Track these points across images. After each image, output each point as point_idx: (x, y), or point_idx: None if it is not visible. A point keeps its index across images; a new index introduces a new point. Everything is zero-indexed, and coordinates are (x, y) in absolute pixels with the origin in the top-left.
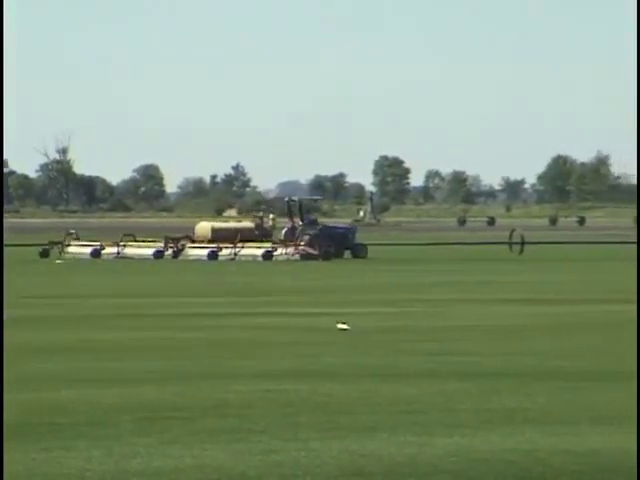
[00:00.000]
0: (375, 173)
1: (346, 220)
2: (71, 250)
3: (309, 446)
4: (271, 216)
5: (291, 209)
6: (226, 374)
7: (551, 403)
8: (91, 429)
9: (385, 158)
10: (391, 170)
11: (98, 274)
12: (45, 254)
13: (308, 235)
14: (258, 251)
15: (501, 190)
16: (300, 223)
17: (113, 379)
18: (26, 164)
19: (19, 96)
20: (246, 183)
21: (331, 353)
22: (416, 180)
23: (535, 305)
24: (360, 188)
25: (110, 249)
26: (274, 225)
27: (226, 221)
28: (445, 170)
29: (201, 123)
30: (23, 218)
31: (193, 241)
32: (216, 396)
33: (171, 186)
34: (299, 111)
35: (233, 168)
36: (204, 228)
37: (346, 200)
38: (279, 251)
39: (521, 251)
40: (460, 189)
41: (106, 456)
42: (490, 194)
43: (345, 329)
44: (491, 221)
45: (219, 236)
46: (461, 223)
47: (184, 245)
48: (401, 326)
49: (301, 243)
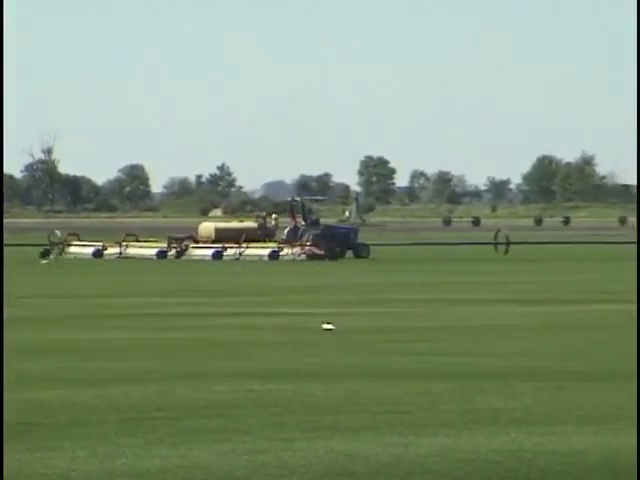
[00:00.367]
0: (360, 173)
1: (331, 220)
2: (72, 250)
3: (295, 446)
4: (274, 216)
5: (293, 209)
6: (211, 374)
7: (536, 403)
8: (76, 429)
9: (370, 158)
10: (376, 170)
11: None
12: (46, 254)
13: (310, 235)
14: (264, 251)
15: (486, 190)
16: (302, 223)
17: (98, 379)
18: (11, 164)
19: (3, 96)
20: (231, 183)
21: (316, 353)
22: (401, 180)
23: (520, 305)
24: (345, 188)
25: (112, 249)
26: (277, 225)
27: (228, 221)
28: (430, 170)
29: (186, 123)
30: (8, 218)
31: (196, 241)
32: (202, 396)
33: (156, 186)
34: (284, 111)
35: (218, 168)
36: (207, 228)
37: (332, 200)
38: (285, 251)
39: (506, 251)
40: (445, 189)
41: (91, 456)
42: (475, 194)
43: (330, 329)
44: (476, 221)
45: (222, 236)
46: (446, 223)
47: (187, 245)
48: (387, 326)
49: (307, 243)
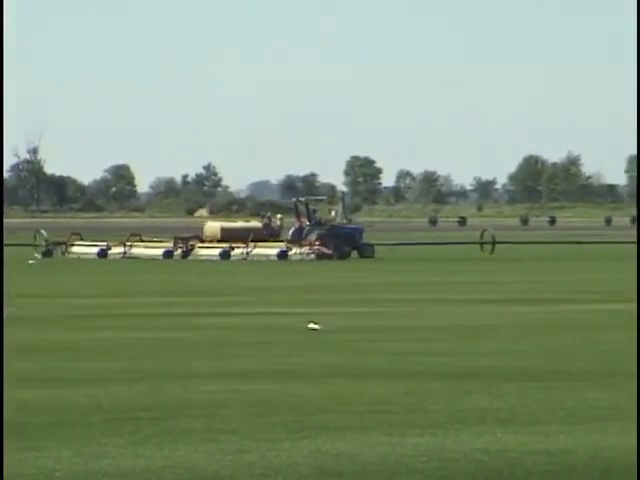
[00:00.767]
0: (346, 173)
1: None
2: (75, 250)
3: (281, 446)
4: (279, 216)
5: (298, 209)
6: (197, 374)
7: (522, 403)
8: (61, 429)
9: (356, 158)
10: (362, 170)
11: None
12: (48, 254)
13: (317, 235)
14: (271, 251)
15: (472, 190)
16: (307, 223)
17: (83, 379)
18: None
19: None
20: (217, 183)
21: (302, 353)
22: (387, 180)
23: (506, 305)
24: (331, 188)
25: (116, 249)
26: (282, 225)
27: (234, 221)
28: (416, 170)
29: (172, 123)
30: None
31: (202, 241)
32: (187, 396)
33: (142, 186)
34: (270, 111)
35: (204, 168)
36: (213, 228)
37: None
38: (293, 251)
39: (492, 251)
40: (431, 189)
41: (76, 456)
42: (461, 194)
43: (315, 329)
44: (462, 221)
45: (228, 236)
46: (432, 223)
47: (193, 245)
48: (373, 326)
49: (316, 243)
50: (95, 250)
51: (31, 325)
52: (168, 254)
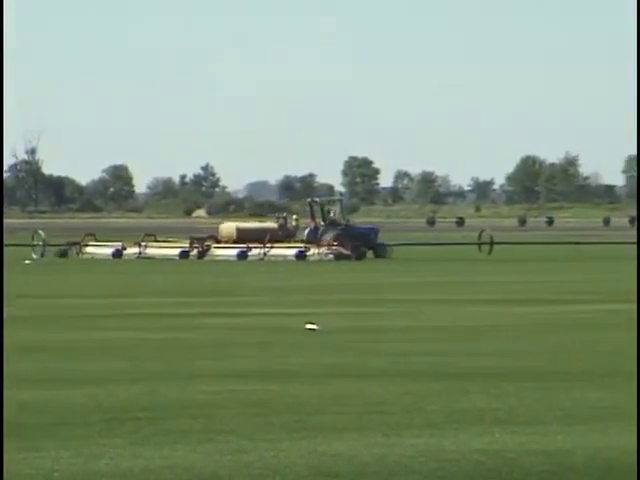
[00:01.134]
0: (344, 173)
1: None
2: (90, 250)
3: (278, 446)
4: (294, 217)
5: (313, 210)
6: (195, 374)
7: (521, 403)
8: (60, 429)
9: (354, 158)
10: (360, 170)
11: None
12: (63, 254)
13: (332, 235)
14: (289, 251)
15: (470, 190)
16: (322, 224)
17: (83, 379)
18: None
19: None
20: (215, 183)
21: (301, 353)
22: (385, 181)
23: (504, 305)
24: (329, 188)
25: (131, 249)
26: (297, 225)
27: (249, 221)
28: (414, 170)
29: (170, 123)
30: None
31: (218, 241)
32: (186, 396)
33: (140, 186)
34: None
35: (202, 168)
36: (229, 228)
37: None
38: (311, 251)
39: (490, 252)
40: (429, 189)
41: (75, 457)
42: (459, 194)
43: (313, 329)
44: (460, 222)
45: (244, 236)
46: (430, 224)
47: (209, 245)
48: (370, 326)
49: (334, 243)
50: (110, 250)
51: (30, 325)
52: (184, 254)
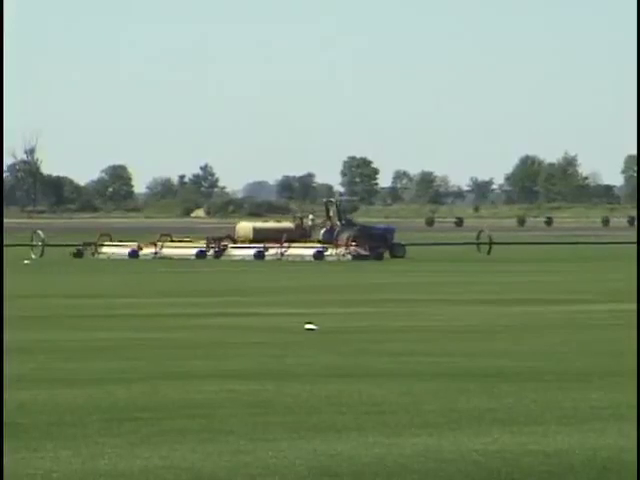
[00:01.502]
0: (343, 173)
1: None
2: (105, 251)
3: (278, 446)
4: (310, 216)
5: (329, 210)
6: (194, 375)
7: (519, 404)
8: (59, 429)
9: (353, 158)
10: (359, 170)
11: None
12: (79, 255)
13: (349, 235)
14: (307, 251)
15: (469, 191)
16: (338, 224)
17: (81, 379)
18: None
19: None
20: (214, 183)
21: (299, 353)
22: (384, 181)
23: (502, 305)
24: (328, 188)
25: (148, 249)
26: (314, 225)
27: (266, 221)
28: (413, 171)
29: (169, 123)
30: None
31: (234, 241)
32: (185, 397)
33: (139, 186)
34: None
35: (201, 168)
36: (245, 228)
37: (315, 201)
38: (329, 251)
39: (489, 252)
40: (428, 190)
41: (74, 457)
42: (458, 195)
43: (312, 329)
44: (459, 222)
45: (260, 236)
46: (429, 224)
47: (226, 245)
48: (369, 326)
49: (353, 243)
50: (126, 251)
51: (29, 325)
52: (201, 254)
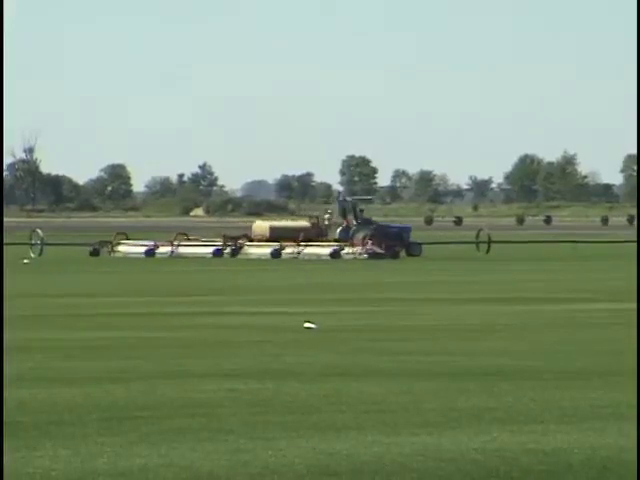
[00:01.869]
0: (342, 172)
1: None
2: (122, 249)
3: (277, 445)
4: (326, 215)
5: (345, 209)
6: (193, 373)
7: (518, 402)
8: (58, 428)
9: (352, 157)
10: (358, 169)
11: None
12: (95, 253)
13: (365, 234)
14: (323, 250)
15: (468, 189)
16: (354, 223)
17: (80, 378)
18: None
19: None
20: (213, 182)
21: (299, 352)
22: (383, 179)
23: (502, 304)
24: (327, 187)
25: (164, 248)
26: (330, 224)
27: (282, 220)
28: (412, 169)
29: (168, 122)
30: None
31: (250, 240)
32: (184, 395)
33: (138, 185)
34: (266, 110)
35: (200, 167)
36: (262, 227)
37: (314, 199)
38: (346, 250)
39: (488, 250)
40: (427, 188)
41: (73, 456)
42: (457, 193)
43: (311, 327)
44: (458, 220)
45: (277, 235)
46: (428, 222)
47: (242, 244)
48: (368, 325)
49: (369, 242)
50: (142, 249)
51: (28, 325)
52: (218, 253)
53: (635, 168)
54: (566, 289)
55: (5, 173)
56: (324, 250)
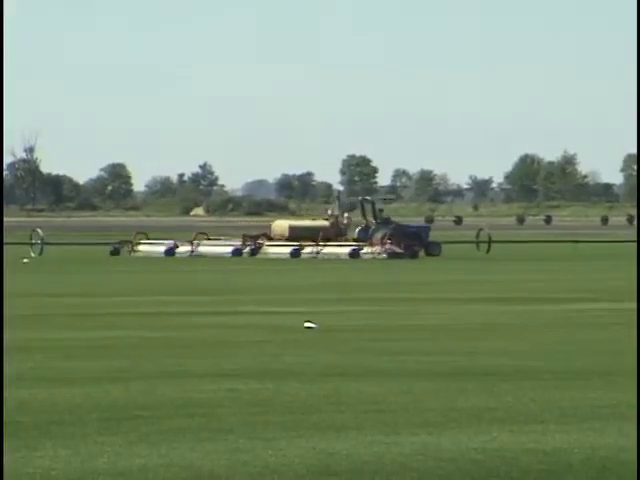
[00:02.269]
0: (342, 172)
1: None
2: (142, 249)
3: (276, 445)
4: (346, 215)
5: (364, 208)
6: (193, 373)
7: (518, 402)
8: (57, 428)
9: (352, 157)
10: (358, 169)
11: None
12: (116, 252)
13: (384, 234)
14: (342, 249)
15: (469, 189)
16: (374, 222)
17: (80, 378)
18: None
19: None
20: (213, 182)
21: (298, 352)
22: (383, 179)
23: (502, 304)
24: (328, 187)
25: (184, 248)
26: (349, 224)
27: (302, 219)
28: (412, 169)
29: (168, 122)
30: None
31: (270, 239)
32: (184, 395)
33: (138, 185)
34: (266, 110)
35: (200, 167)
36: (281, 226)
37: (314, 199)
38: (365, 250)
39: (488, 250)
40: (427, 188)
41: (72, 455)
42: (457, 193)
43: (311, 327)
44: (458, 220)
45: (296, 234)
46: (428, 222)
47: (262, 243)
48: (369, 325)
49: (389, 242)
50: (162, 249)
51: (28, 324)
52: (237, 252)
53: (635, 168)
54: (566, 289)
55: (5, 173)
56: (343, 250)
